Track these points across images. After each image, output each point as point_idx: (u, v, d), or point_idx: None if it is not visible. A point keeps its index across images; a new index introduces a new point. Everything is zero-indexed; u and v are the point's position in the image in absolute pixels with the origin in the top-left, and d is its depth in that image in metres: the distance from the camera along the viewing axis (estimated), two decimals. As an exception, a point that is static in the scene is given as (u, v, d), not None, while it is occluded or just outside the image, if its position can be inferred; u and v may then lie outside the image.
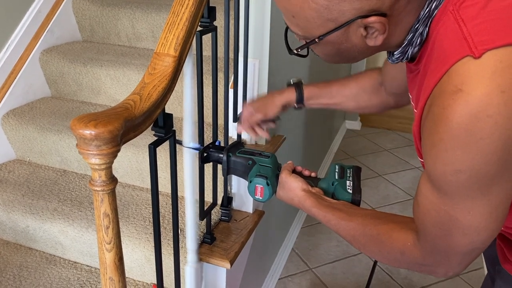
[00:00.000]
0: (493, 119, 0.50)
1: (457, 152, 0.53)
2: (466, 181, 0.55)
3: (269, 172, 0.88)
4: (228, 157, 0.91)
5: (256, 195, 0.88)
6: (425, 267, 0.68)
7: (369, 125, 3.80)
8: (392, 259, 0.71)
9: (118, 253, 0.78)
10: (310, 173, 0.89)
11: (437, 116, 0.54)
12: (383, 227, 0.72)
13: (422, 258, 0.66)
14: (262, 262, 1.82)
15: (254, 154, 0.90)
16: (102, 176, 0.73)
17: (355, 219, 0.76)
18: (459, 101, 0.51)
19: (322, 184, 0.86)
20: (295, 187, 0.84)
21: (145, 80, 0.85)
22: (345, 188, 0.83)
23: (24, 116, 1.69)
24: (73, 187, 1.54)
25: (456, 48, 0.54)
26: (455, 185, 0.56)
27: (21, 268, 1.37)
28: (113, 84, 1.75)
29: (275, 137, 1.64)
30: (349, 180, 0.84)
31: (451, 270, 0.66)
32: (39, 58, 1.83)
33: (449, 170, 0.55)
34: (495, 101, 0.50)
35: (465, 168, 0.54)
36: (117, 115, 0.72)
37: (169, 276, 1.23)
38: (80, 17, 1.99)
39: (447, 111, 0.53)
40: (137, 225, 1.34)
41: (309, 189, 0.83)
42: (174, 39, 0.88)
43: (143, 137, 1.38)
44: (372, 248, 0.73)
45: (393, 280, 2.07)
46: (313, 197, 0.82)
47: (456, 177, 0.55)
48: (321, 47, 0.66)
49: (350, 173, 0.85)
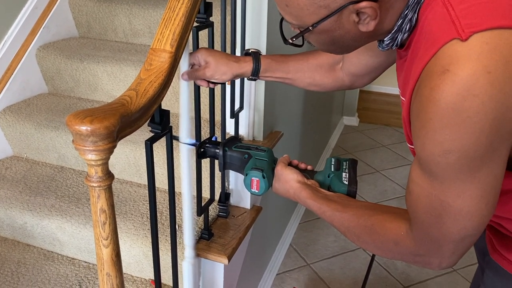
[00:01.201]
0: (479, 98, 0.51)
1: (445, 131, 0.54)
2: (456, 162, 0.55)
3: (265, 165, 0.88)
4: (224, 152, 0.91)
5: (252, 188, 0.88)
6: (418, 257, 0.67)
7: (367, 121, 3.80)
8: (386, 250, 0.71)
9: (115, 249, 0.78)
10: (306, 166, 0.89)
11: (425, 97, 0.55)
12: (377, 217, 0.72)
13: (415, 247, 0.66)
14: (260, 257, 1.83)
15: (250, 148, 0.91)
16: (98, 172, 0.73)
17: (350, 210, 0.76)
18: (446, 81, 0.52)
19: (318, 177, 0.86)
20: (291, 179, 0.84)
21: (141, 76, 0.85)
22: (341, 180, 0.83)
23: (21, 112, 1.69)
24: (70, 184, 1.54)
25: (444, 31, 0.55)
26: (445, 166, 0.56)
27: (19, 265, 1.37)
28: (110, 80, 1.74)
29: (273, 133, 1.64)
30: (345, 172, 0.84)
31: (444, 260, 0.65)
32: (36, 54, 1.82)
33: (438, 151, 0.56)
34: (481, 81, 0.51)
35: (454, 148, 0.54)
36: (113, 111, 0.72)
37: (167, 272, 1.23)
38: (77, 13, 1.98)
39: (435, 92, 0.54)
40: (135, 221, 1.34)
41: (304, 181, 0.84)
42: (170, 35, 0.88)
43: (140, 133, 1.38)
44: (366, 239, 0.73)
45: (391, 275, 2.08)
46: (308, 188, 0.82)
47: (446, 158, 0.55)
48: (315, 36, 0.67)
49: (346, 165, 0.85)
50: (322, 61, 0.99)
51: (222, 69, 0.96)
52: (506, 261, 0.76)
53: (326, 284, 2.02)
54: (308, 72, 0.99)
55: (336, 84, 1.00)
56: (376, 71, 0.94)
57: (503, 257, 0.77)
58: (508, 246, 0.76)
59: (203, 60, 0.97)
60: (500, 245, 0.77)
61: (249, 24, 1.35)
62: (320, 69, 0.99)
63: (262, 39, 1.38)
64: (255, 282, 1.83)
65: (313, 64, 0.99)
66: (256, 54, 0.99)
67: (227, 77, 0.97)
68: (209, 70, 0.96)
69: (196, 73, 0.97)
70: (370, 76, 0.96)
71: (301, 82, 1.01)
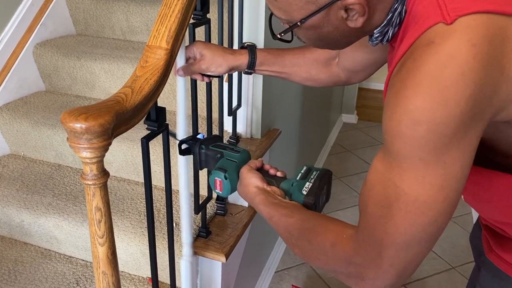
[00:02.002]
0: (460, 68, 0.50)
1: (419, 99, 0.51)
2: (422, 136, 0.51)
3: (232, 167, 0.85)
4: (200, 150, 0.89)
5: (216, 189, 0.86)
6: (352, 266, 0.61)
7: (365, 118, 3.80)
8: (319, 252, 0.65)
9: (111, 247, 0.78)
10: (275, 172, 0.85)
11: (406, 68, 0.54)
12: (321, 221, 0.69)
13: (352, 252, 0.60)
14: (258, 255, 1.83)
15: (226, 149, 0.88)
16: (93, 169, 0.72)
17: (297, 215, 0.72)
18: (429, 51, 0.52)
19: (283, 185, 0.82)
20: (249, 183, 0.81)
21: (137, 73, 0.84)
22: (301, 190, 0.79)
23: (18, 110, 1.68)
24: (68, 182, 1.53)
25: (430, 15, 0.54)
26: (409, 141, 0.52)
27: (16, 263, 1.37)
28: (107, 77, 1.74)
29: (271, 130, 1.64)
30: (309, 182, 0.79)
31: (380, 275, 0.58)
32: (33, 52, 1.81)
33: (406, 120, 0.52)
34: (464, 52, 0.50)
35: (424, 119, 0.51)
36: (108, 108, 0.72)
37: (165, 270, 1.22)
38: (74, 10, 1.97)
39: (417, 61, 0.52)
40: (132, 219, 1.34)
41: (263, 186, 0.80)
42: (166, 32, 0.87)
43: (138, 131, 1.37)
44: (303, 242, 0.68)
45: (389, 272, 2.08)
46: (263, 194, 0.79)
47: (413, 129, 0.51)
48: (304, 31, 0.67)
49: (314, 176, 0.81)
50: (318, 56, 0.98)
51: (217, 62, 0.94)
52: (503, 262, 0.75)
53: (324, 282, 2.02)
54: (304, 66, 0.99)
55: (332, 80, 1.00)
56: (372, 67, 0.93)
57: (499, 258, 0.75)
58: (504, 247, 0.74)
59: (199, 53, 0.96)
60: (497, 245, 0.76)
61: (246, 21, 1.35)
62: (316, 64, 0.99)
63: (259, 36, 1.38)
64: (253, 280, 1.82)
65: (309, 58, 0.98)
66: (251, 47, 0.98)
67: (222, 69, 0.96)
68: (204, 62, 0.95)
69: (192, 67, 0.96)
70: (366, 72, 0.95)
71: (297, 76, 1.00)
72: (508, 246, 0.74)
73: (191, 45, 0.97)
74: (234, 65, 0.96)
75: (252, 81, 1.43)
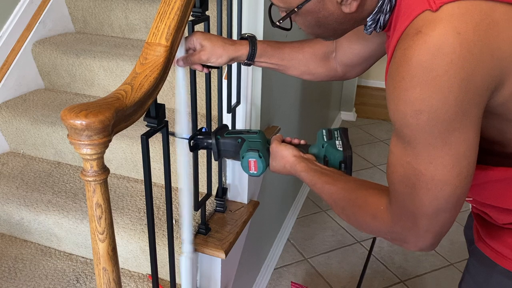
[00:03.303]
0: (448, 57, 0.53)
1: (416, 90, 0.55)
2: (426, 123, 0.56)
3: (260, 146, 0.89)
4: (217, 140, 0.91)
5: (251, 170, 0.88)
6: (394, 234, 0.68)
7: (364, 116, 3.80)
8: (364, 223, 0.73)
9: (111, 243, 0.78)
10: (299, 142, 0.90)
11: (398, 58, 0.58)
12: (362, 192, 0.74)
13: (391, 223, 0.67)
14: (258, 252, 1.83)
15: (242, 133, 0.91)
16: (93, 166, 0.72)
17: (339, 183, 0.78)
18: (418, 41, 0.55)
19: (312, 150, 0.87)
20: (287, 155, 0.85)
21: (136, 70, 0.85)
22: (335, 147, 0.84)
23: (17, 108, 1.68)
24: (67, 179, 1.54)
25: (418, 5, 0.58)
26: (416, 128, 0.57)
27: (16, 260, 1.37)
28: (106, 75, 1.74)
29: (270, 127, 1.64)
30: (338, 140, 0.85)
31: (420, 239, 0.65)
32: (32, 49, 1.81)
33: (409, 111, 0.57)
34: (450, 40, 0.53)
35: (424, 108, 0.56)
36: (108, 105, 0.72)
37: (164, 266, 1.23)
38: (73, 8, 1.97)
39: (408, 51, 0.56)
40: (132, 216, 1.34)
41: (300, 154, 0.85)
42: (165, 29, 0.87)
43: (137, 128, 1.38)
44: (349, 211, 0.75)
45: (388, 269, 2.09)
46: (303, 161, 0.84)
47: (416, 118, 0.57)
48: (301, 18, 0.70)
49: (338, 134, 0.87)
50: (316, 50, 0.99)
51: (218, 52, 0.94)
52: (489, 249, 0.76)
53: (323, 278, 2.02)
54: (303, 60, 1.00)
55: (329, 74, 1.01)
56: (368, 61, 0.95)
57: (486, 245, 0.77)
58: (492, 234, 0.76)
59: (199, 43, 0.96)
60: (485, 233, 0.78)
61: (245, 18, 1.35)
62: (314, 58, 1.00)
63: (259, 33, 1.38)
64: (253, 277, 1.83)
65: (308, 52, 0.99)
66: (252, 38, 0.98)
67: (222, 60, 0.95)
68: (204, 53, 0.94)
69: (192, 57, 0.96)
70: (362, 66, 0.97)
71: (295, 70, 1.01)
72: (496, 234, 0.75)
73: (190, 36, 0.97)
74: (234, 56, 0.96)
75: (251, 78, 1.44)
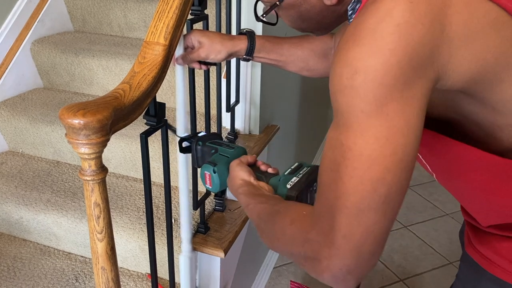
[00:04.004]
0: (395, 20, 0.51)
1: (356, 49, 0.52)
2: (360, 86, 0.51)
3: (222, 161, 0.85)
4: (197, 146, 0.89)
5: (206, 184, 0.85)
6: (307, 245, 0.56)
7: (364, 114, 3.79)
8: (280, 232, 0.62)
9: (110, 243, 0.78)
10: (266, 168, 0.83)
11: (349, 27, 0.56)
12: (290, 203, 0.68)
13: (309, 227, 0.57)
14: (257, 251, 1.83)
15: (221, 145, 0.88)
16: (92, 165, 0.72)
17: (271, 201, 0.71)
18: (370, 8, 0.53)
19: (272, 181, 0.81)
20: (237, 176, 0.80)
21: (135, 69, 0.84)
22: (285, 183, 0.77)
23: (16, 107, 1.68)
24: (66, 178, 1.53)
25: None
26: (350, 93, 0.52)
27: (15, 260, 1.37)
28: (105, 74, 1.73)
29: (269, 127, 1.64)
30: (296, 177, 0.78)
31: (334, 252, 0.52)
32: (30, 48, 1.81)
33: (346, 73, 0.52)
34: (401, 6, 0.51)
35: (361, 67, 0.51)
36: (106, 104, 0.72)
37: (163, 266, 1.23)
38: (71, 7, 1.97)
39: (358, 18, 0.54)
40: (131, 215, 1.34)
41: (250, 180, 0.79)
42: (164, 28, 0.87)
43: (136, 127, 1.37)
44: (268, 224, 0.66)
45: (387, 268, 2.09)
46: (248, 186, 0.78)
47: (352, 79, 0.52)
48: (284, 11, 0.71)
49: (304, 171, 0.79)
50: (315, 46, 0.99)
51: (216, 48, 0.94)
52: (478, 255, 0.75)
53: (323, 277, 2.02)
54: (302, 56, 0.99)
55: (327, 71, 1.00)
56: None
57: (476, 250, 0.75)
58: (481, 240, 0.75)
59: (197, 41, 0.95)
60: (475, 238, 0.76)
61: (244, 17, 1.35)
62: (313, 55, 0.99)
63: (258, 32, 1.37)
64: (252, 276, 1.83)
65: (307, 48, 0.99)
66: (251, 33, 0.97)
67: (221, 56, 0.95)
68: (203, 50, 0.94)
69: (190, 55, 0.96)
70: None
71: (294, 66, 1.01)
72: (484, 239, 0.74)
73: (188, 34, 0.97)
74: (233, 51, 0.96)
75: (250, 77, 1.44)
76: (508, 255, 0.70)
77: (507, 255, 0.70)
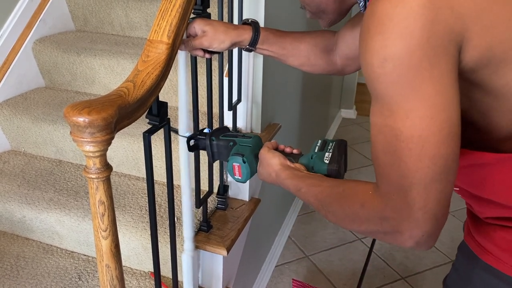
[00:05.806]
0: (408, 5, 0.54)
1: (379, 37, 0.55)
2: (392, 72, 0.55)
3: (247, 151, 0.87)
4: (211, 142, 0.90)
5: (235, 175, 0.87)
6: (385, 223, 0.61)
7: (364, 113, 3.80)
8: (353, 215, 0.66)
9: (114, 240, 0.79)
10: (291, 150, 0.88)
11: (366, 14, 0.58)
12: (348, 184, 0.70)
13: (381, 206, 0.61)
14: (259, 249, 1.84)
15: (237, 136, 0.90)
16: (96, 163, 0.73)
17: (325, 183, 0.74)
18: None
19: (302, 160, 0.85)
20: (273, 163, 0.83)
21: (138, 68, 0.85)
22: (322, 159, 0.81)
23: (18, 106, 1.68)
24: (68, 177, 1.54)
25: None
26: (385, 80, 0.56)
27: (18, 258, 1.37)
28: (107, 73, 1.74)
29: (271, 125, 1.64)
30: (328, 152, 0.82)
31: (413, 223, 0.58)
32: (32, 48, 1.81)
33: (375, 61, 0.56)
34: None
35: (388, 55, 0.55)
36: (110, 102, 0.72)
37: (166, 264, 1.23)
38: (73, 6, 1.97)
39: (373, 6, 0.57)
40: (134, 214, 1.35)
41: (286, 163, 0.83)
42: (167, 26, 0.87)
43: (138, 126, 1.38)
44: (336, 206, 0.70)
45: (389, 266, 2.09)
46: (289, 170, 0.81)
47: (383, 67, 0.55)
48: None
49: (331, 146, 0.84)
50: (318, 41, 0.99)
51: (220, 38, 0.93)
52: (474, 243, 0.75)
53: (324, 275, 2.03)
54: (304, 50, 0.99)
55: (328, 67, 1.01)
56: None
57: (472, 239, 0.76)
58: (479, 229, 0.75)
59: (200, 30, 0.94)
60: (473, 228, 0.77)
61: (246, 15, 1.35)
62: (315, 50, 1.00)
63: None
64: (254, 274, 1.83)
65: (309, 43, 0.99)
66: (255, 24, 0.97)
67: (225, 45, 0.94)
68: (206, 39, 0.93)
69: (193, 42, 0.95)
70: None
71: (295, 60, 1.01)
72: (482, 228, 0.75)
73: (191, 23, 0.96)
74: (236, 41, 0.95)
75: (252, 75, 1.44)
76: (501, 243, 0.71)
77: (500, 244, 0.71)
